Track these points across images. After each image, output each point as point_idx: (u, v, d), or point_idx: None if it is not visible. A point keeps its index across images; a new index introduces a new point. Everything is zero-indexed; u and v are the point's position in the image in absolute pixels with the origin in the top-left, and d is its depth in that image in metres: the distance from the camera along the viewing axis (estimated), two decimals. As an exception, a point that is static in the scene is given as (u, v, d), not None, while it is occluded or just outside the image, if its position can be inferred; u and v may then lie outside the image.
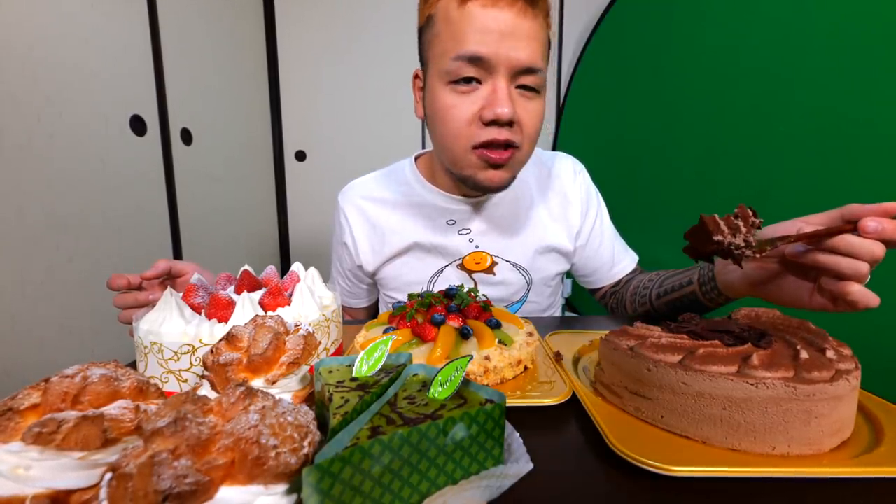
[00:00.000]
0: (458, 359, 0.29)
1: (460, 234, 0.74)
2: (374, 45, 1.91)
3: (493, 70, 0.56)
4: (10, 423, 0.22)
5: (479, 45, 0.55)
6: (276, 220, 2.03)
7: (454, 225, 0.74)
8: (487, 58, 0.55)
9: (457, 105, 0.58)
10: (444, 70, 0.58)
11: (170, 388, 0.39)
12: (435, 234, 0.74)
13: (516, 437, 0.29)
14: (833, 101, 0.84)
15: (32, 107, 0.95)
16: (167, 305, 0.40)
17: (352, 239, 0.78)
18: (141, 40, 1.24)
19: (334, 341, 0.48)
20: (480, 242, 0.74)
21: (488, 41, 0.55)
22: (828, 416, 0.32)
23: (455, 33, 0.56)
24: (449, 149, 0.62)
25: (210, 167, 1.54)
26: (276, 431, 0.21)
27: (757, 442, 0.32)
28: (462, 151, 0.61)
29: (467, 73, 0.57)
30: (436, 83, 0.60)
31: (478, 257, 0.74)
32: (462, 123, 0.59)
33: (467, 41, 0.56)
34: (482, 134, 0.58)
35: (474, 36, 0.55)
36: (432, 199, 0.74)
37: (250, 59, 1.81)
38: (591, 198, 0.80)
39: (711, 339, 0.38)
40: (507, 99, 0.56)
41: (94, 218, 1.09)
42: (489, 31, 0.55)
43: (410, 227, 0.75)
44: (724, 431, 0.33)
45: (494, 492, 0.25)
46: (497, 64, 0.56)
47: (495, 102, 0.56)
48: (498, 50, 0.55)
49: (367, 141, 1.97)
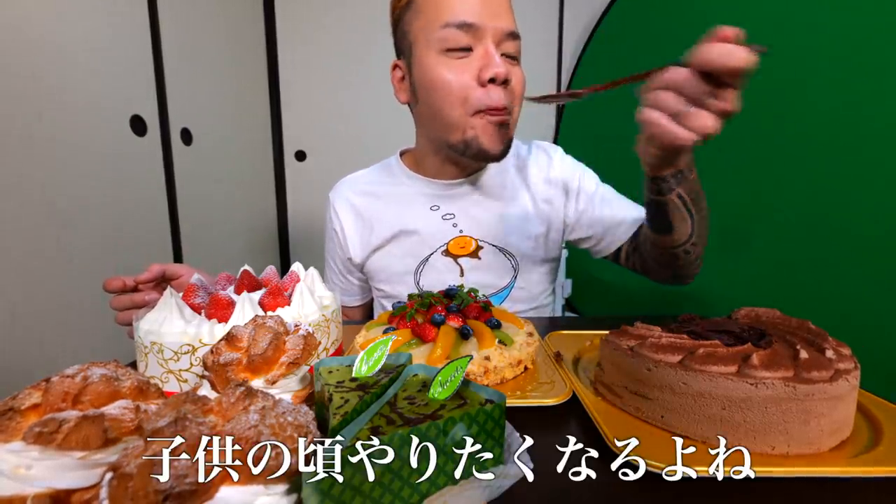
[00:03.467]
0: (458, 359, 0.29)
1: (444, 220, 0.76)
2: (374, 45, 1.91)
3: (481, 36, 0.61)
4: (11, 423, 0.22)
5: (466, 13, 0.60)
6: (276, 220, 2.02)
7: (438, 210, 0.76)
8: (477, 24, 0.60)
9: (453, 71, 0.62)
10: (434, 39, 0.61)
11: (170, 388, 0.39)
12: (419, 220, 0.76)
13: (516, 437, 0.29)
14: (833, 101, 0.84)
15: (33, 106, 0.95)
16: (167, 305, 0.40)
17: (341, 230, 0.80)
18: (141, 40, 1.24)
19: (334, 341, 0.48)
20: (464, 227, 0.76)
21: (474, 9, 0.60)
22: (827, 416, 0.32)
23: (439, 3, 0.61)
24: (448, 116, 0.64)
25: (210, 167, 1.54)
26: (276, 431, 0.21)
27: (757, 442, 0.32)
28: (464, 117, 0.63)
29: (462, 42, 0.61)
30: (426, 55, 0.63)
31: (462, 241, 0.76)
32: (460, 88, 0.62)
33: (455, 9, 0.60)
34: (482, 97, 0.62)
35: (460, 5, 0.60)
36: (416, 187, 0.77)
37: (250, 59, 1.81)
38: (575, 171, 0.79)
39: (711, 339, 0.38)
40: (500, 60, 0.61)
41: (95, 218, 1.09)
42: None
43: (395, 214, 0.77)
44: (723, 431, 0.33)
45: (494, 492, 0.25)
46: (485, 30, 0.61)
47: (491, 64, 0.60)
48: (483, 16, 0.60)
49: (367, 141, 1.97)
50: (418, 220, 0.76)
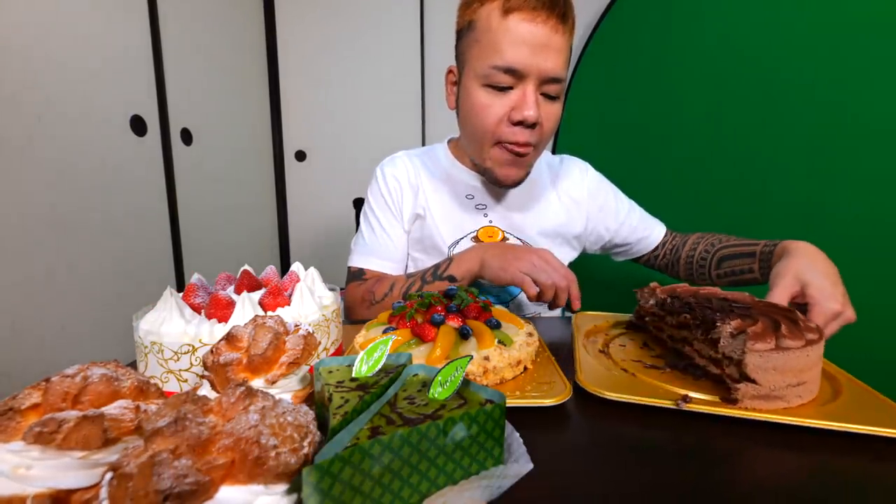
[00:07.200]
0: (458, 359, 0.29)
1: (477, 209, 0.81)
2: (374, 44, 1.91)
3: (523, 78, 0.64)
4: (11, 423, 0.22)
5: (515, 58, 0.63)
6: (276, 220, 2.02)
7: (472, 199, 0.81)
8: (521, 69, 0.63)
9: (490, 105, 0.67)
10: (481, 74, 0.66)
11: (170, 388, 0.39)
12: (455, 206, 0.81)
13: (516, 437, 0.29)
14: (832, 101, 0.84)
15: (32, 107, 0.95)
16: (167, 305, 0.40)
17: (397, 185, 0.82)
18: (141, 40, 1.24)
19: (334, 341, 0.48)
20: (494, 218, 0.81)
21: (523, 53, 0.62)
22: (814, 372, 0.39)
23: (494, 43, 0.64)
24: (477, 142, 0.71)
25: (210, 167, 1.54)
26: (276, 431, 0.21)
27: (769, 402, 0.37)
28: (488, 146, 0.70)
29: (503, 82, 0.65)
30: (471, 83, 0.68)
31: (490, 231, 0.81)
32: (492, 121, 0.67)
33: (505, 53, 0.63)
34: (508, 133, 0.67)
35: (512, 48, 0.62)
36: (457, 175, 0.82)
37: (250, 59, 1.81)
38: (601, 186, 0.88)
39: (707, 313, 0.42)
40: (534, 104, 0.64)
41: (95, 218, 1.09)
42: (525, 43, 0.62)
43: (438, 194, 0.81)
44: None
45: (494, 492, 0.25)
46: (528, 73, 0.63)
47: (524, 107, 0.64)
48: (530, 61, 0.63)
49: (367, 141, 1.97)
50: (455, 207, 0.81)
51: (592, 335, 0.57)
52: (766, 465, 0.31)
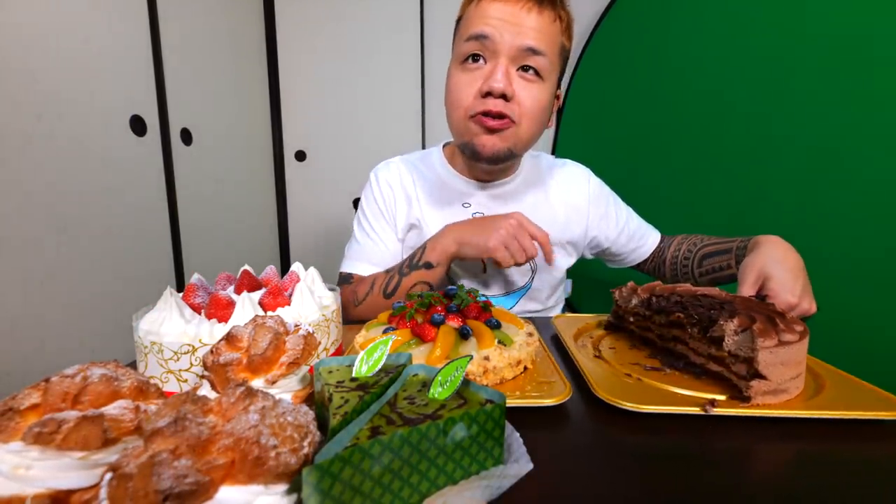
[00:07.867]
0: (458, 359, 0.29)
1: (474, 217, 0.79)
2: (374, 45, 1.91)
3: (495, 50, 0.65)
4: (11, 423, 0.22)
5: (483, 26, 0.64)
6: (276, 220, 2.02)
7: (469, 207, 0.80)
8: (490, 36, 0.64)
9: (462, 80, 0.68)
10: (457, 53, 0.69)
11: (170, 388, 0.39)
12: (451, 215, 0.79)
13: (516, 437, 0.29)
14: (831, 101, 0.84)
15: (32, 107, 0.95)
16: (167, 305, 0.40)
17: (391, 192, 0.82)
18: (141, 40, 1.24)
19: (334, 341, 0.48)
20: None
21: (492, 23, 0.64)
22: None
23: (467, 22, 0.67)
24: (454, 118, 0.71)
25: (210, 167, 1.54)
26: (276, 431, 0.21)
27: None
28: (463, 120, 0.70)
29: (473, 49, 0.66)
30: (452, 65, 0.72)
31: None
32: (465, 95, 0.68)
33: (475, 22, 0.65)
34: (479, 104, 0.67)
35: (481, 21, 0.65)
36: (452, 182, 0.81)
37: (250, 59, 1.81)
38: (602, 193, 0.87)
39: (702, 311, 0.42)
40: (503, 76, 0.64)
41: (94, 218, 1.09)
42: (494, 17, 0.64)
43: (431, 203, 0.81)
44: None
45: (494, 492, 0.25)
46: (500, 44, 0.64)
47: (491, 78, 0.65)
48: (499, 32, 0.63)
49: (367, 141, 1.97)
50: (451, 215, 0.79)
51: (579, 338, 0.57)
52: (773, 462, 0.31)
